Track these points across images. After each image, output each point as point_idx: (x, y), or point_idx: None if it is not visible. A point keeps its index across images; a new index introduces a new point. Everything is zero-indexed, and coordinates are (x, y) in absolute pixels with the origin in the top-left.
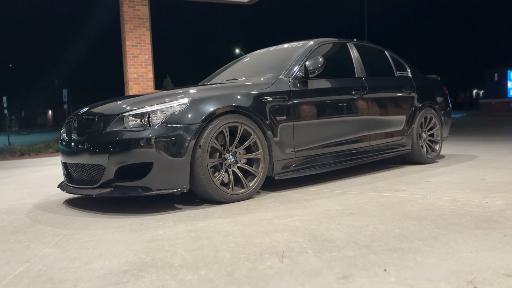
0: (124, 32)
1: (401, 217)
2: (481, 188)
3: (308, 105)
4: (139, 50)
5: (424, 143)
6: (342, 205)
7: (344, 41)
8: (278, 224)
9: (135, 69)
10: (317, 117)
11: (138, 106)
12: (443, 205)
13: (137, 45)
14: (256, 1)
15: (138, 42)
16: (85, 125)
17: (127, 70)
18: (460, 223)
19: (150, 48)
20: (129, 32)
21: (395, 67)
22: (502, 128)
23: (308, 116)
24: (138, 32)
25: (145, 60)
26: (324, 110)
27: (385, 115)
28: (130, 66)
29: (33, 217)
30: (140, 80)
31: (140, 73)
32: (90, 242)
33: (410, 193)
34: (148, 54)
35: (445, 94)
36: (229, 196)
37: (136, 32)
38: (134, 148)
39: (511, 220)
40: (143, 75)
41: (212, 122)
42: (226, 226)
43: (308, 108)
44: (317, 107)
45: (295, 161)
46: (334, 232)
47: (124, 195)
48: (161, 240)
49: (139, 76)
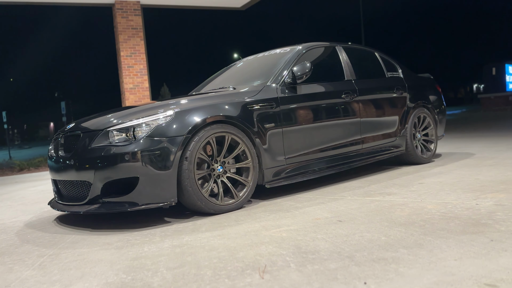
0: (118, 42)
1: (389, 224)
2: (474, 188)
3: (297, 111)
4: (134, 60)
5: (418, 143)
6: (332, 212)
7: (332, 45)
8: (265, 236)
9: (131, 79)
10: (306, 123)
11: (123, 120)
12: (433, 209)
13: (131, 55)
14: (249, 7)
15: (132, 52)
16: (71, 141)
17: (122, 80)
18: (448, 227)
19: (145, 57)
20: (123, 43)
21: (385, 68)
22: (501, 123)
23: (297, 122)
24: (132, 42)
25: (140, 70)
26: (314, 115)
27: (376, 117)
28: (125, 77)
29: (22, 236)
30: (136, 90)
31: (135, 83)
32: (74, 262)
33: (401, 197)
34: (143, 64)
35: (438, 92)
36: (219, 207)
37: (130, 42)
38: (119, 163)
39: (499, 222)
40: (138, 85)
41: (198, 133)
42: (212, 239)
43: (297, 114)
44: (306, 112)
45: (286, 168)
46: (319, 242)
47: (111, 211)
48: (145, 257)
49: (134, 86)
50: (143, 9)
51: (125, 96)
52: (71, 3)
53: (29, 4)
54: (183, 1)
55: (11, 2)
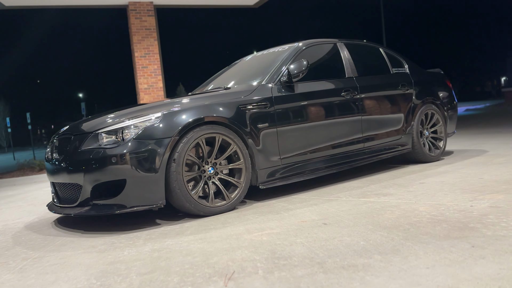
0: (132, 43)
1: (374, 227)
2: (474, 188)
3: (292, 110)
4: (148, 61)
5: (426, 140)
6: (321, 214)
7: (333, 41)
8: (245, 240)
9: (145, 79)
10: (303, 122)
11: (112, 122)
12: (424, 211)
13: (145, 55)
14: (262, 4)
15: (146, 52)
16: (64, 143)
17: (137, 81)
18: (433, 232)
19: (159, 58)
20: (137, 43)
21: (390, 64)
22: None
23: (293, 122)
24: (146, 43)
25: (154, 70)
26: (311, 114)
27: (380, 114)
28: (140, 77)
29: (17, 238)
30: (151, 90)
31: (150, 83)
32: (54, 266)
33: (396, 198)
34: (157, 64)
35: (448, 88)
36: (209, 209)
37: (144, 43)
38: (106, 166)
39: (487, 226)
40: (153, 85)
41: (187, 135)
42: (192, 243)
43: (293, 113)
44: (302, 111)
45: (282, 168)
46: (296, 247)
47: (100, 213)
48: (121, 262)
49: (149, 86)
50: (157, 9)
51: (140, 97)
52: (86, 5)
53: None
54: (196, 0)
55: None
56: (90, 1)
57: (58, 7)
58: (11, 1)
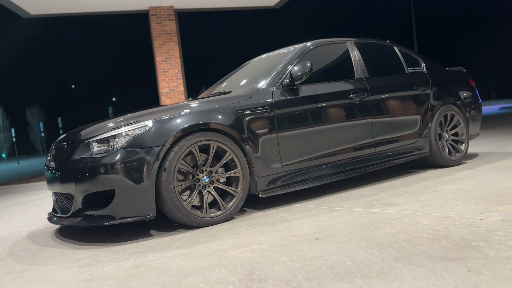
0: (154, 48)
1: (367, 243)
2: (489, 198)
3: (295, 114)
4: (169, 65)
5: (446, 143)
6: (316, 227)
7: (342, 41)
8: (227, 257)
9: (166, 83)
10: (306, 127)
11: (104, 130)
12: (427, 224)
13: (166, 60)
14: (282, 4)
15: (167, 57)
16: (59, 152)
17: (159, 85)
18: (429, 251)
19: (179, 62)
20: (158, 48)
21: (405, 64)
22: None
23: (296, 127)
24: (167, 47)
25: (175, 74)
26: (315, 118)
27: (392, 117)
28: (161, 81)
29: (14, 248)
30: (172, 94)
31: (171, 87)
32: (31, 281)
33: (402, 208)
34: (178, 68)
35: (471, 87)
36: (202, 220)
37: (165, 47)
38: (95, 176)
39: (492, 245)
40: (174, 89)
41: (178, 143)
42: (173, 260)
43: (295, 117)
44: (306, 115)
45: (284, 176)
46: (277, 267)
47: (91, 224)
48: (96, 279)
49: (170, 90)
50: (178, 13)
51: (161, 101)
52: (109, 12)
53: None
54: (216, 3)
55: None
56: (113, 7)
57: (82, 14)
58: (37, 10)
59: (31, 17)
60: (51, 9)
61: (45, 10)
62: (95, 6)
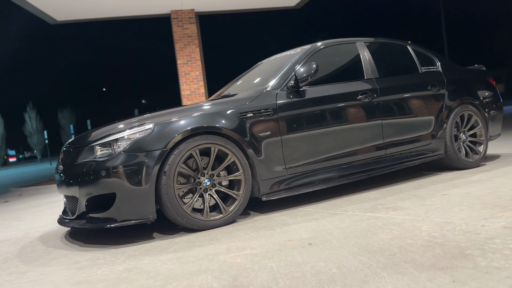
0: (175, 51)
1: (359, 250)
2: (498, 203)
3: (299, 117)
4: (190, 67)
5: (462, 145)
6: (314, 232)
7: (352, 41)
8: (218, 261)
9: (188, 86)
10: (311, 129)
11: (107, 134)
12: (425, 230)
13: (187, 62)
14: (303, 4)
15: (188, 59)
16: (66, 156)
17: (181, 87)
18: (419, 259)
19: (200, 64)
20: (180, 51)
21: (419, 63)
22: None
23: (300, 129)
24: (188, 50)
25: (196, 77)
26: (321, 120)
27: (404, 118)
28: (182, 84)
29: (24, 248)
30: (193, 96)
31: (192, 89)
32: (29, 283)
33: (405, 213)
34: (199, 70)
35: (491, 86)
36: (203, 223)
37: (186, 50)
38: (97, 179)
39: (486, 254)
40: (195, 91)
41: (179, 146)
42: (165, 264)
43: (300, 120)
44: (311, 117)
45: (288, 179)
46: (262, 273)
47: (94, 227)
48: (88, 282)
49: (191, 92)
50: (199, 16)
51: (183, 103)
52: (132, 16)
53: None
54: (237, 5)
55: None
56: (135, 12)
57: (106, 19)
58: (62, 16)
59: (58, 23)
60: (75, 15)
61: (70, 16)
62: (118, 11)
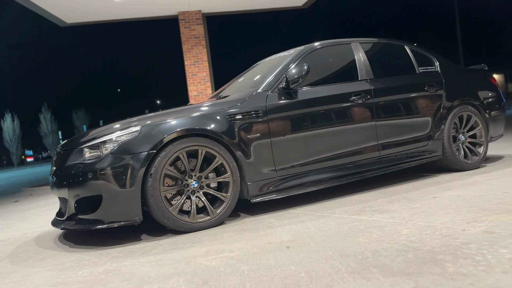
0: (183, 52)
1: (333, 253)
2: (486, 206)
3: (289, 119)
4: (197, 68)
5: (461, 146)
6: (295, 234)
7: (347, 42)
8: (193, 264)
9: (195, 86)
10: (302, 131)
11: (96, 136)
12: (405, 234)
13: (195, 63)
14: (310, 4)
15: (196, 60)
16: (58, 158)
17: (188, 88)
18: (390, 264)
19: (207, 65)
20: (187, 52)
21: (416, 63)
22: None
23: (291, 131)
24: (195, 51)
25: (203, 78)
26: (313, 122)
27: (399, 119)
28: (190, 84)
29: (17, 249)
30: (200, 97)
31: (199, 90)
32: (10, 284)
33: (390, 216)
34: (206, 71)
35: (493, 86)
36: (189, 225)
37: (193, 51)
38: (84, 181)
39: (457, 259)
40: (202, 92)
41: (165, 149)
42: (144, 266)
43: (290, 122)
44: (302, 119)
45: (277, 181)
46: (233, 277)
47: (83, 228)
48: (65, 284)
49: (198, 93)
50: (206, 17)
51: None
52: (141, 18)
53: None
54: (244, 6)
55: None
56: (144, 14)
57: (114, 21)
58: (72, 18)
59: (67, 25)
60: (85, 18)
61: (79, 18)
62: (126, 13)
